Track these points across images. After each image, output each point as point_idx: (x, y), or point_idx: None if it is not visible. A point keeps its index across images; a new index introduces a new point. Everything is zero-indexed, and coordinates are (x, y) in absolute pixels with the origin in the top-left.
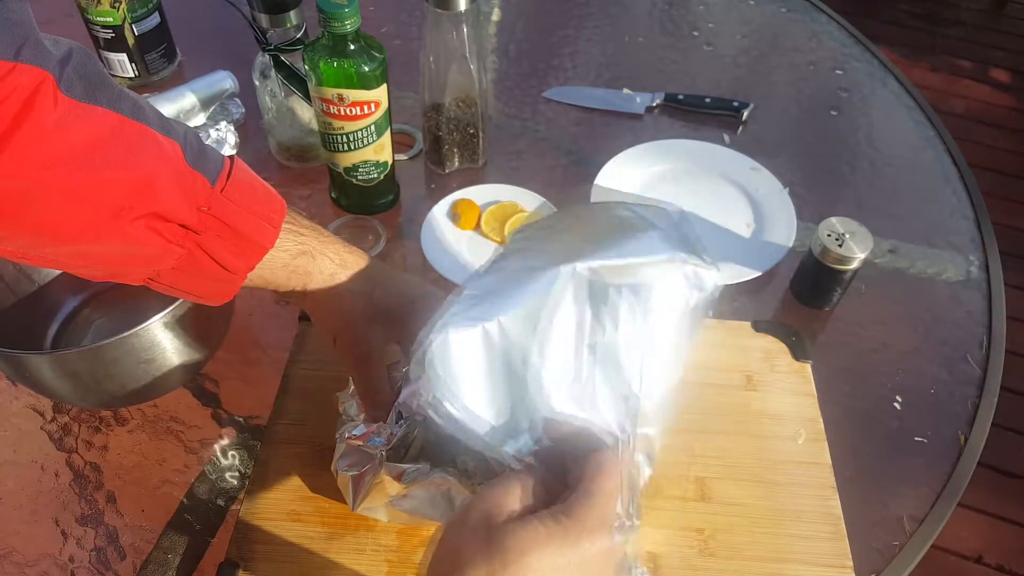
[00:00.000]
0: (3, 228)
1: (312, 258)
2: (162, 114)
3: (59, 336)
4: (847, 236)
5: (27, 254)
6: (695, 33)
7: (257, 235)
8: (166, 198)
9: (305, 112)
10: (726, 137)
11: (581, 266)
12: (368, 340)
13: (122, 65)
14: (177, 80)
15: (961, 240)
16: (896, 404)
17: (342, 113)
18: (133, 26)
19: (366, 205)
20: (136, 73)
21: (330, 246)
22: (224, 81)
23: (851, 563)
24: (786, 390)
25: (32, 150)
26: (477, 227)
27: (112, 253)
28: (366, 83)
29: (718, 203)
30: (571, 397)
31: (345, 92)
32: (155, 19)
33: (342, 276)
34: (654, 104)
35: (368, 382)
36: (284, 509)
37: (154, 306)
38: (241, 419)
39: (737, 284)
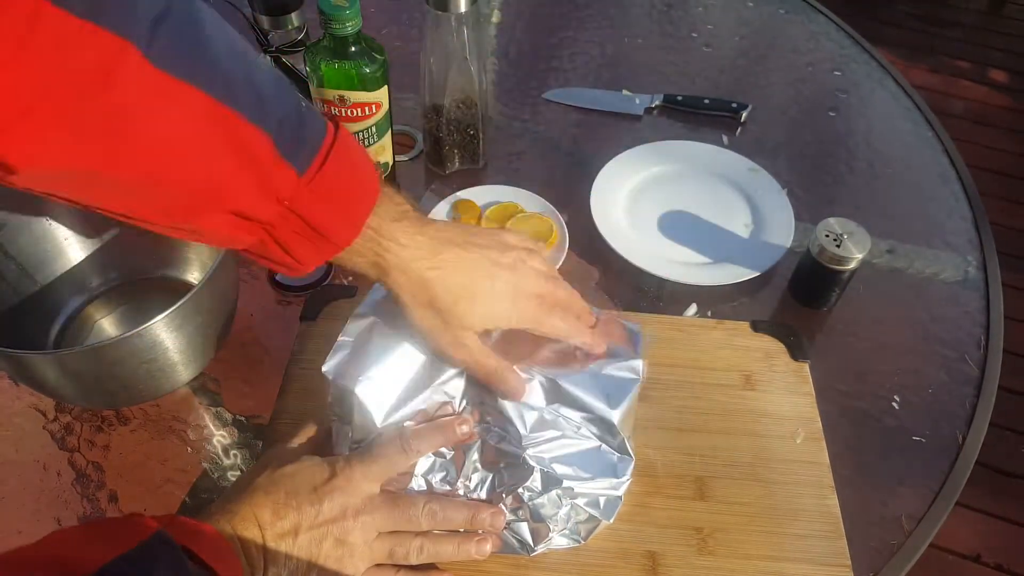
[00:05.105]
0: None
1: (386, 271)
2: (264, 82)
3: (61, 336)
4: (845, 236)
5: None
6: (694, 34)
7: (333, 233)
8: (243, 199)
9: None
10: (725, 138)
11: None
12: (457, 334)
13: None
14: None
15: (959, 240)
16: (894, 404)
17: (343, 114)
18: None
19: None
20: None
21: (409, 263)
22: None
23: (849, 562)
24: (784, 390)
25: (104, 129)
26: None
27: (181, 231)
28: (367, 84)
29: (717, 204)
30: None
31: (346, 93)
32: None
33: (422, 294)
34: (653, 105)
35: (467, 364)
36: None
37: (156, 306)
38: (243, 419)
39: (735, 284)
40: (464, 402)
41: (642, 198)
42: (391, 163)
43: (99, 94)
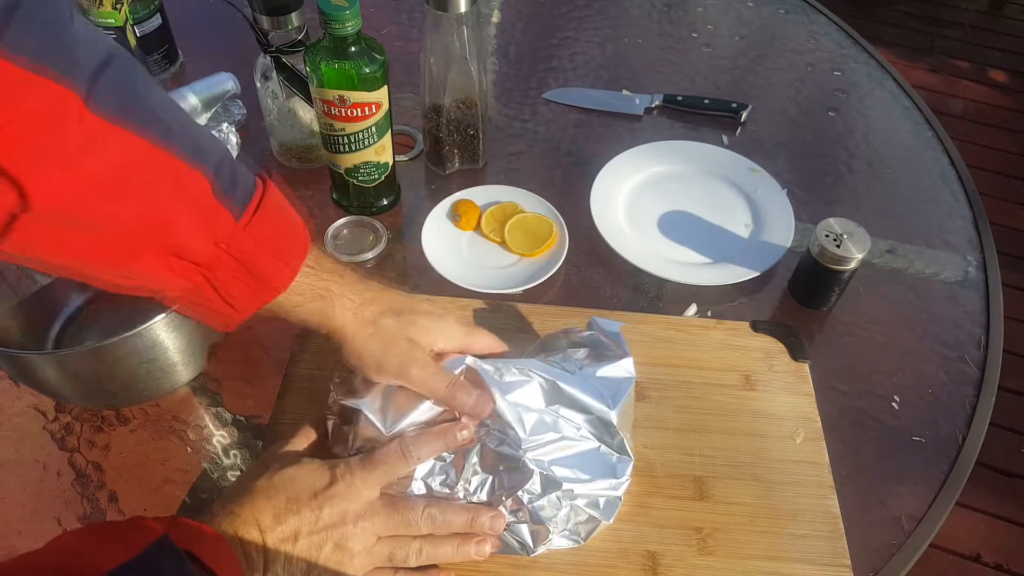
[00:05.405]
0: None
1: (330, 302)
2: (198, 133)
3: (61, 336)
4: (845, 237)
5: (23, 262)
6: (694, 34)
7: (271, 277)
8: (183, 237)
9: (306, 113)
10: (725, 138)
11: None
12: (406, 349)
13: None
14: (179, 81)
15: (959, 240)
16: (894, 404)
17: (343, 114)
18: (135, 28)
19: (367, 206)
20: None
21: (351, 287)
22: (226, 82)
23: (849, 562)
24: (784, 390)
25: (46, 175)
26: (477, 228)
27: (117, 276)
28: (367, 85)
29: (717, 204)
30: None
31: (346, 94)
32: (157, 20)
33: (367, 311)
34: (653, 105)
35: (423, 381)
36: None
37: (156, 306)
38: (243, 419)
39: (735, 284)
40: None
41: (642, 198)
42: (391, 163)
43: (45, 137)
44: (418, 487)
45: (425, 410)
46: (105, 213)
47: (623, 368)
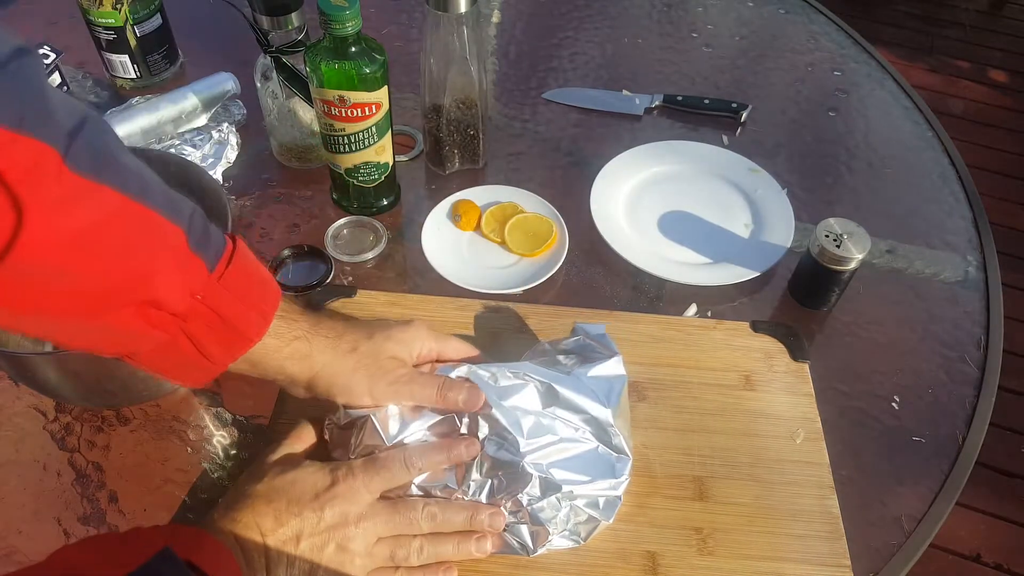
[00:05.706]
0: None
1: (307, 342)
2: (170, 190)
3: None
4: (845, 237)
5: None
6: (694, 34)
7: (246, 327)
8: (162, 288)
9: (306, 113)
10: (725, 138)
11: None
12: (390, 368)
13: (124, 67)
14: (179, 81)
15: (959, 240)
16: (894, 404)
17: (343, 115)
18: (135, 27)
19: (367, 206)
20: (138, 74)
21: (322, 324)
22: (226, 83)
23: (849, 562)
24: (784, 390)
25: (27, 230)
26: (477, 228)
27: (91, 331)
28: (367, 85)
29: (717, 204)
30: None
31: (346, 94)
32: (157, 20)
33: (343, 343)
34: (653, 105)
35: (413, 394)
36: None
37: None
38: (243, 419)
39: (735, 284)
40: (466, 417)
41: (642, 198)
42: (391, 163)
43: (25, 192)
44: (417, 490)
45: (426, 419)
46: (87, 267)
47: (613, 367)
